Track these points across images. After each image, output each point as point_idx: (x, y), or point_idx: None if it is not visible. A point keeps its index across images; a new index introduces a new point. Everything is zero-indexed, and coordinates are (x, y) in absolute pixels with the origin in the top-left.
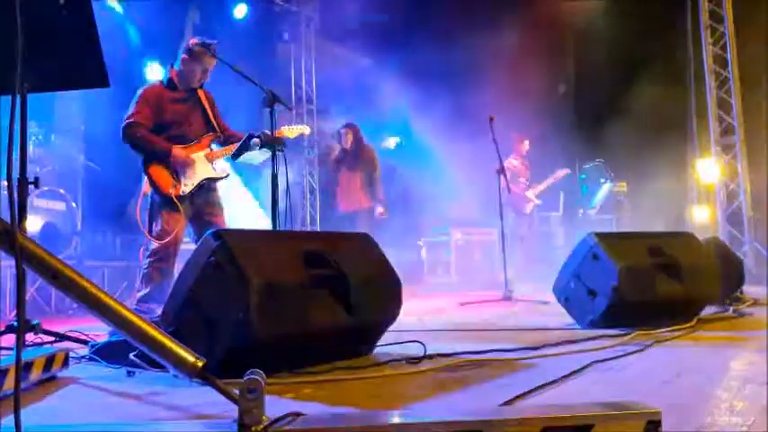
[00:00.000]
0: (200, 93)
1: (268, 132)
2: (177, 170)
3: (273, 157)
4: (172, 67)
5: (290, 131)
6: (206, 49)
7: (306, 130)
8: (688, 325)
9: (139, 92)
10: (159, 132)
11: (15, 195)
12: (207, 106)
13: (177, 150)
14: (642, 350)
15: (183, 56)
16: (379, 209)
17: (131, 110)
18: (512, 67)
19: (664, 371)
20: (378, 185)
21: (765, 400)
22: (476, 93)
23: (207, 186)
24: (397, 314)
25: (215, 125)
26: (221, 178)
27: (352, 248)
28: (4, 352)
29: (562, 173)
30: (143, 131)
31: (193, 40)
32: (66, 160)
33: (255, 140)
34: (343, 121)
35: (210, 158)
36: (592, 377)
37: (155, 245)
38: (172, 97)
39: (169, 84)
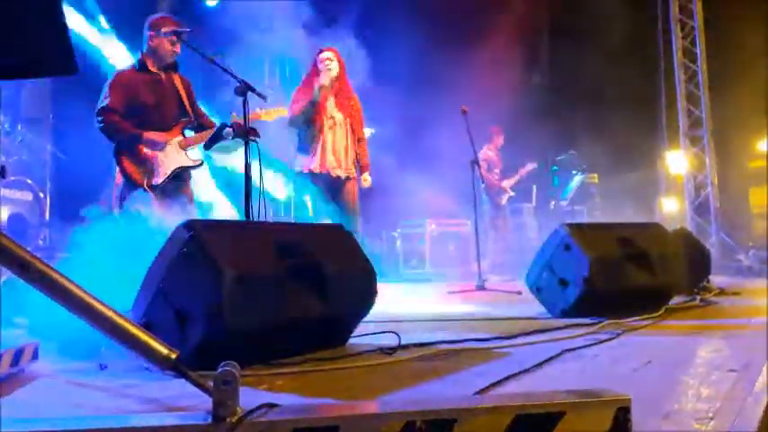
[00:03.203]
0: (176, 78)
1: (241, 121)
2: (149, 160)
3: (246, 146)
4: (141, 51)
5: (266, 114)
6: (176, 36)
7: (284, 111)
8: (657, 314)
9: (110, 78)
10: (132, 117)
11: None
12: (182, 91)
13: (148, 134)
14: (612, 339)
15: (149, 32)
16: (366, 177)
17: (103, 96)
18: (485, 56)
19: (633, 359)
20: (365, 145)
21: (730, 387)
22: (450, 83)
23: (180, 176)
24: (372, 305)
25: (189, 111)
26: (195, 167)
27: (326, 239)
28: None
29: (528, 167)
30: (114, 117)
31: (158, 16)
32: (33, 150)
33: (228, 130)
34: None
35: (183, 146)
36: (563, 365)
37: None
38: (145, 80)
39: (141, 66)
